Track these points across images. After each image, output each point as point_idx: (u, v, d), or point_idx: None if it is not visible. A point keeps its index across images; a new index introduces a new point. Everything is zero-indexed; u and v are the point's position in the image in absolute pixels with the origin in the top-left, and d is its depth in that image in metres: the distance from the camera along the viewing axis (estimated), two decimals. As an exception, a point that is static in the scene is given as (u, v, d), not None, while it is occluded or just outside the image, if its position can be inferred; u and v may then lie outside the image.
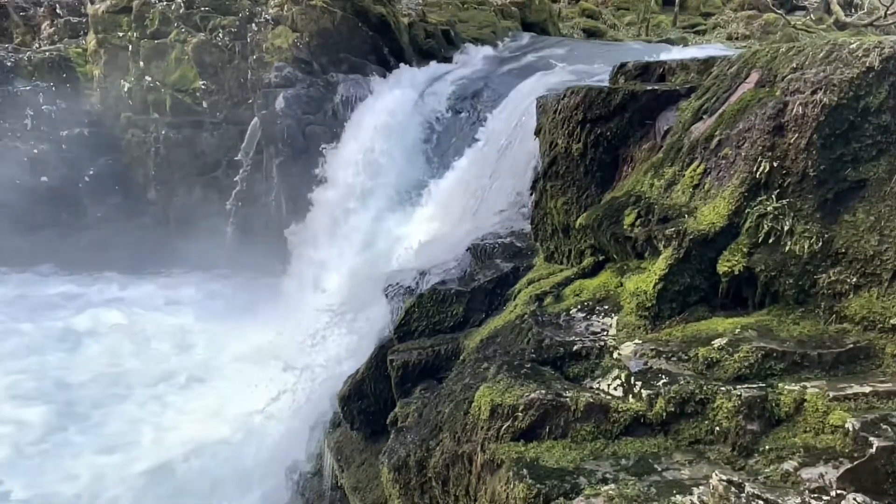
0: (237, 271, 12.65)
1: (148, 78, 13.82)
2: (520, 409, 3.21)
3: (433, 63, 12.67)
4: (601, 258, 4.44)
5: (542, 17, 16.99)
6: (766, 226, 3.40)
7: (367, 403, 5.61)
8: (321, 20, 12.55)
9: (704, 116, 4.01)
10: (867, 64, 3.25)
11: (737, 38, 18.70)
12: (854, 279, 3.19)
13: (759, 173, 3.45)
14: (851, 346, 3.08)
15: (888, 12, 15.55)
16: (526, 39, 14.72)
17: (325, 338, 7.73)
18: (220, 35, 13.25)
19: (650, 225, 3.87)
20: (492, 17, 15.32)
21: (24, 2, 15.47)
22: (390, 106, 11.15)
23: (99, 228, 13.45)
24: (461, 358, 4.55)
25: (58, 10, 15.64)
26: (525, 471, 2.95)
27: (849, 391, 2.78)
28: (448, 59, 13.15)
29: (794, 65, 3.53)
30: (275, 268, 11.74)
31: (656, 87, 4.60)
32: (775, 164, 3.41)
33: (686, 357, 3.23)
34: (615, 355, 3.45)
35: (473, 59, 13.05)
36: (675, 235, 3.62)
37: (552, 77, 8.96)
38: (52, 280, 12.96)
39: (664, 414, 3.02)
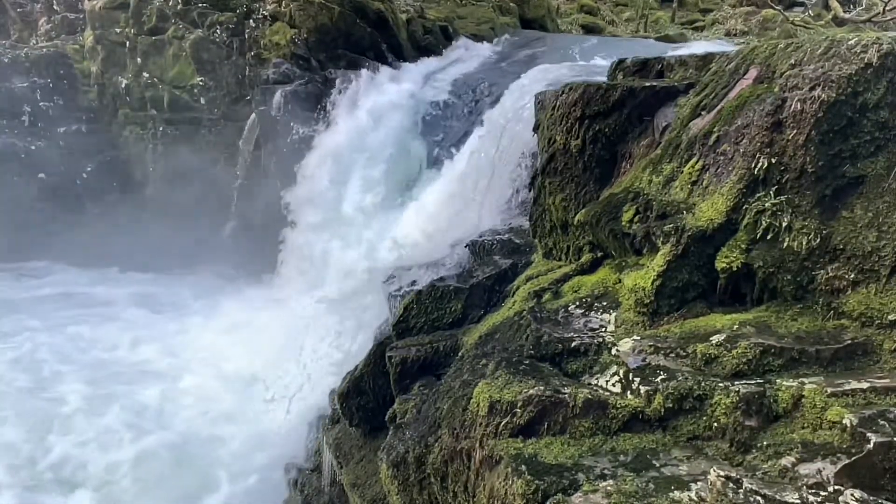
0: (236, 269, 12.63)
1: (146, 74, 13.79)
2: (518, 405, 3.21)
3: (426, 59, 12.64)
4: (600, 255, 4.44)
5: (540, 14, 16.97)
6: (764, 222, 3.40)
7: (365, 400, 5.61)
8: (319, 16, 12.52)
9: (703, 113, 4.01)
10: (865, 60, 3.25)
11: (735, 35, 18.69)
12: (852, 275, 3.20)
13: (757, 169, 3.45)
14: (849, 342, 3.08)
15: (886, 8, 15.54)
16: (524, 35, 14.69)
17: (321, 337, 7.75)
18: (218, 31, 13.21)
19: (648, 221, 3.87)
20: (490, 13, 15.29)
21: (21, -2, 15.46)
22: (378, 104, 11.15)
23: (97, 225, 13.43)
24: (460, 354, 4.56)
25: (55, 7, 15.62)
26: (524, 467, 2.95)
27: (847, 387, 2.79)
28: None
29: (793, 61, 3.53)
30: (274, 265, 11.71)
31: (655, 84, 4.59)
32: (773, 161, 3.41)
33: (684, 353, 3.24)
34: (613, 352, 3.45)
35: (469, 54, 13.01)
36: (673, 232, 3.62)
37: (550, 73, 8.93)
38: (50, 278, 12.93)
39: (662, 410, 3.02)
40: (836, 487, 2.49)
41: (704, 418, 2.94)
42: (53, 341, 10.45)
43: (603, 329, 3.75)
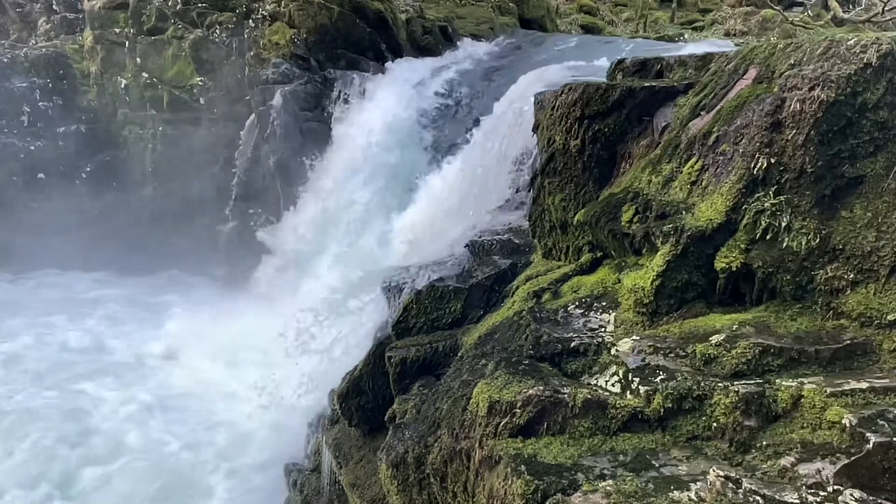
0: (234, 270, 12.60)
1: (145, 74, 13.79)
2: (518, 405, 3.21)
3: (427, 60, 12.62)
4: (599, 255, 4.44)
5: (539, 14, 16.97)
6: (763, 222, 3.40)
7: (365, 400, 5.61)
8: (318, 16, 12.52)
9: (702, 113, 4.01)
10: (865, 60, 3.25)
11: (734, 35, 18.70)
12: (851, 275, 3.20)
13: (756, 169, 3.45)
14: (848, 342, 3.08)
15: (885, 8, 15.54)
16: (523, 35, 14.68)
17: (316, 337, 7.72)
18: (218, 31, 13.21)
19: (648, 221, 3.87)
20: (489, 13, 15.29)
21: (20, -2, 15.45)
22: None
23: (95, 226, 13.41)
24: (459, 354, 4.55)
25: (54, 7, 15.61)
26: (523, 467, 2.95)
27: (846, 387, 2.79)
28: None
29: (792, 61, 3.53)
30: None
31: (654, 84, 4.60)
32: (773, 161, 3.41)
33: (684, 353, 3.24)
34: (613, 352, 3.45)
35: (469, 54, 12.99)
36: (672, 232, 3.62)
37: (549, 73, 8.93)
38: (45, 279, 12.90)
39: (662, 410, 3.02)
40: (836, 487, 2.49)
41: (704, 418, 2.94)
42: (41, 341, 10.37)
43: (602, 329, 3.75)
